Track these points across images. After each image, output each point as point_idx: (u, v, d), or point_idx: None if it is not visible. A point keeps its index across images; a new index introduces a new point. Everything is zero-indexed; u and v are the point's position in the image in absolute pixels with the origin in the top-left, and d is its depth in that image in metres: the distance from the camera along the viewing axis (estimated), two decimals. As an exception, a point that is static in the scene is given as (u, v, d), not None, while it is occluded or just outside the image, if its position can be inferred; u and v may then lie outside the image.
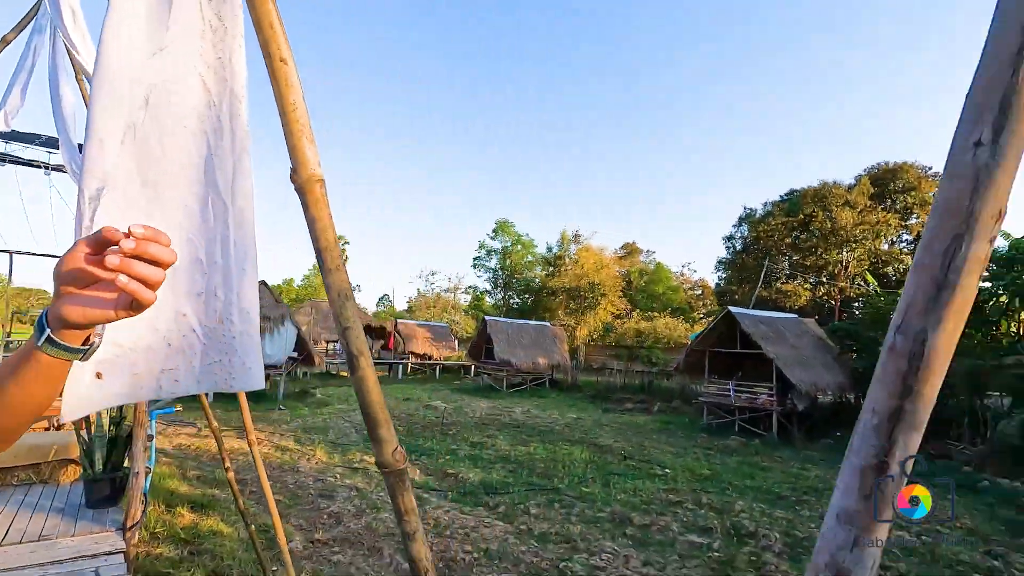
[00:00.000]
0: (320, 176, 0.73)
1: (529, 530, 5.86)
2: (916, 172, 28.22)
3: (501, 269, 38.03)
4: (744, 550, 5.63)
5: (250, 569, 4.31)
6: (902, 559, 5.57)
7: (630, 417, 15.57)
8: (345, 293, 0.69)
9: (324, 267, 0.71)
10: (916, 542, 6.06)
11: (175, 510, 5.41)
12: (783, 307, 26.19)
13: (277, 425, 11.33)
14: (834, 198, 27.46)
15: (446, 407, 14.98)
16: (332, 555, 4.93)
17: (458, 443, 10.37)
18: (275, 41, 0.70)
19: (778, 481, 8.68)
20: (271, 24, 0.72)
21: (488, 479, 7.78)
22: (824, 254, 27.81)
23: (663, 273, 41.32)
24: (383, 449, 0.81)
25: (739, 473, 9.10)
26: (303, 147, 0.71)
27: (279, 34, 0.71)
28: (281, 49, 0.70)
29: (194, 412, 11.44)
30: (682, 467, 9.24)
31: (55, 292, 0.55)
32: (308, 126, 0.73)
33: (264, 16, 0.71)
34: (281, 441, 9.66)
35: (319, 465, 8.12)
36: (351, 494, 6.65)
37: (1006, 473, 8.97)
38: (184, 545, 4.66)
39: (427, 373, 26.27)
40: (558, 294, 32.11)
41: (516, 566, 4.90)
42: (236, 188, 0.75)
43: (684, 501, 7.18)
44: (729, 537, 5.97)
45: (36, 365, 0.56)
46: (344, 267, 0.72)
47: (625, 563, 5.11)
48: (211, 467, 7.47)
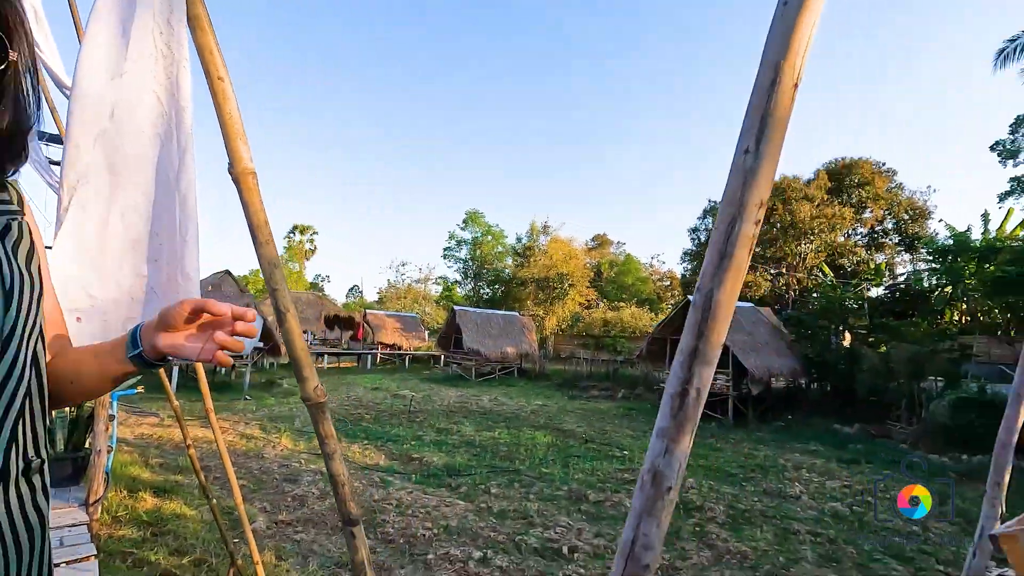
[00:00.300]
0: (252, 170, 0.92)
1: (488, 508, 6.12)
2: (870, 167, 29.38)
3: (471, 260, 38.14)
4: (690, 521, 6.01)
5: (213, 548, 4.44)
6: (832, 527, 6.04)
7: (595, 404, 16.00)
8: (273, 262, 0.89)
9: (256, 241, 0.91)
10: (847, 512, 6.55)
11: (137, 495, 5.47)
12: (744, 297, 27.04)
13: (243, 414, 11.33)
14: (793, 192, 28.39)
15: (415, 396, 15.14)
16: (295, 534, 5.09)
17: (425, 430, 10.57)
18: (213, 64, 0.89)
19: (728, 460, 9.16)
20: (210, 51, 0.90)
21: (452, 462, 8.01)
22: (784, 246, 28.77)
23: (632, 264, 42.04)
24: (306, 386, 1.01)
25: (693, 454, 9.54)
26: (238, 147, 0.91)
27: (217, 58, 0.90)
28: (219, 70, 0.89)
29: (156, 402, 11.34)
30: (640, 449, 9.64)
31: (155, 324, 0.76)
32: (242, 130, 0.92)
33: (204, 45, 0.89)
34: (246, 429, 9.69)
35: (284, 452, 8.21)
36: (315, 478, 6.79)
37: (936, 450, 9.66)
38: (147, 527, 4.76)
39: (397, 363, 26.30)
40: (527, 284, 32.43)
41: (474, 540, 5.15)
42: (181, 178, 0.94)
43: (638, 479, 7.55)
44: (677, 510, 6.34)
45: (118, 365, 0.77)
46: (273, 241, 0.92)
47: (578, 535, 5.41)
48: (174, 455, 7.50)
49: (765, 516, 6.28)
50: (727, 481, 7.80)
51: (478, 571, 4.51)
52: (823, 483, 7.85)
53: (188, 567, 4.15)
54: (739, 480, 7.89)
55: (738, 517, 6.22)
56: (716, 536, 5.56)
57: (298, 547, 4.78)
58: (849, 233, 29.78)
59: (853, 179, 29.36)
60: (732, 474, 8.22)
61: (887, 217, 29.69)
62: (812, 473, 8.42)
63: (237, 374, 16.56)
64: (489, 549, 4.93)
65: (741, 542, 5.43)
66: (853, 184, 29.45)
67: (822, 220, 27.64)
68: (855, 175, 29.26)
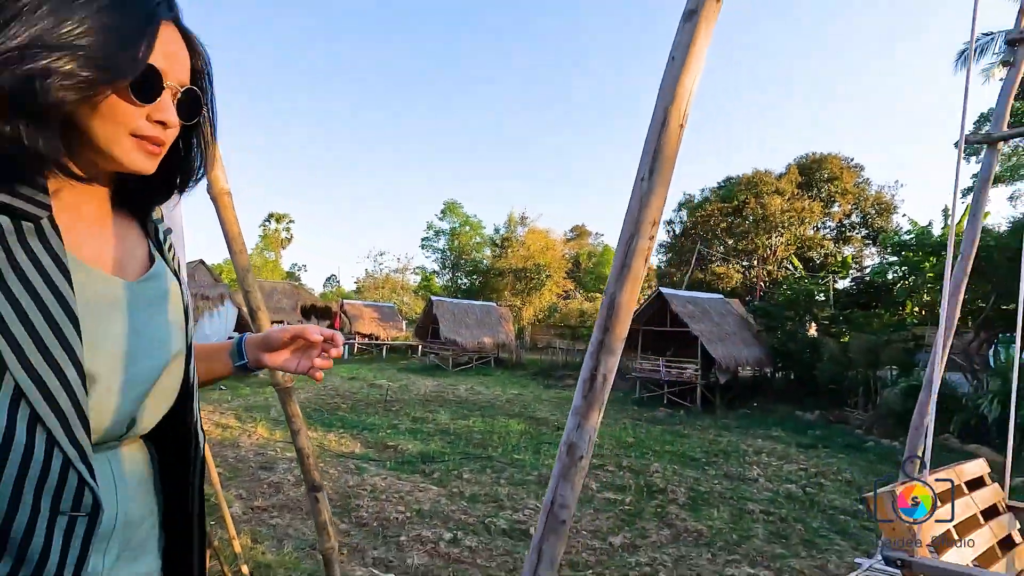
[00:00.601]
0: (228, 190, 1.09)
1: (461, 492, 6.34)
2: (839, 163, 30.18)
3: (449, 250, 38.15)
4: (652, 503, 6.32)
5: (189, 532, 4.57)
6: (785, 507, 6.41)
7: (569, 392, 16.33)
8: (246, 268, 1.07)
9: (231, 250, 1.08)
10: (800, 493, 6.94)
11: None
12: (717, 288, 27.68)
13: (217, 404, 11.34)
14: (765, 186, 29.04)
15: (391, 386, 15.26)
16: (271, 519, 5.24)
17: (400, 418, 10.73)
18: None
19: (694, 446, 9.53)
20: None
21: (426, 450, 8.21)
22: (755, 239, 29.47)
23: (610, 255, 42.50)
24: (275, 374, 1.19)
25: (660, 440, 9.91)
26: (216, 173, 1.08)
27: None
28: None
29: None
30: (609, 436, 9.97)
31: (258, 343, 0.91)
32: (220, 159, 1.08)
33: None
34: (222, 419, 9.73)
35: (260, 440, 8.31)
36: (291, 466, 6.92)
37: (888, 434, 10.19)
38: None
39: (374, 353, 26.33)
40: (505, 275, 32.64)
41: (445, 523, 5.37)
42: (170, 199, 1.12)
43: (606, 464, 7.85)
44: (641, 493, 6.65)
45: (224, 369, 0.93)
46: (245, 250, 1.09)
47: (545, 517, 5.67)
48: (148, 444, 7.55)
49: (723, 498, 6.62)
50: (691, 465, 8.15)
51: (448, 551, 4.72)
52: (781, 466, 8.26)
53: (165, 551, 4.29)
54: (702, 464, 8.25)
55: (698, 499, 6.56)
56: (676, 516, 5.88)
57: (273, 531, 4.94)
58: (818, 226, 30.61)
59: (823, 174, 30.13)
60: (696, 459, 8.58)
61: (854, 211, 30.58)
62: (771, 457, 8.84)
63: (211, 364, 16.47)
64: (460, 531, 5.14)
65: (699, 521, 5.75)
66: (822, 179, 30.24)
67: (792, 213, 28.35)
68: (824, 170, 30.03)
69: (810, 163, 30.57)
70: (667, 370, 14.74)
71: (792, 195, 28.88)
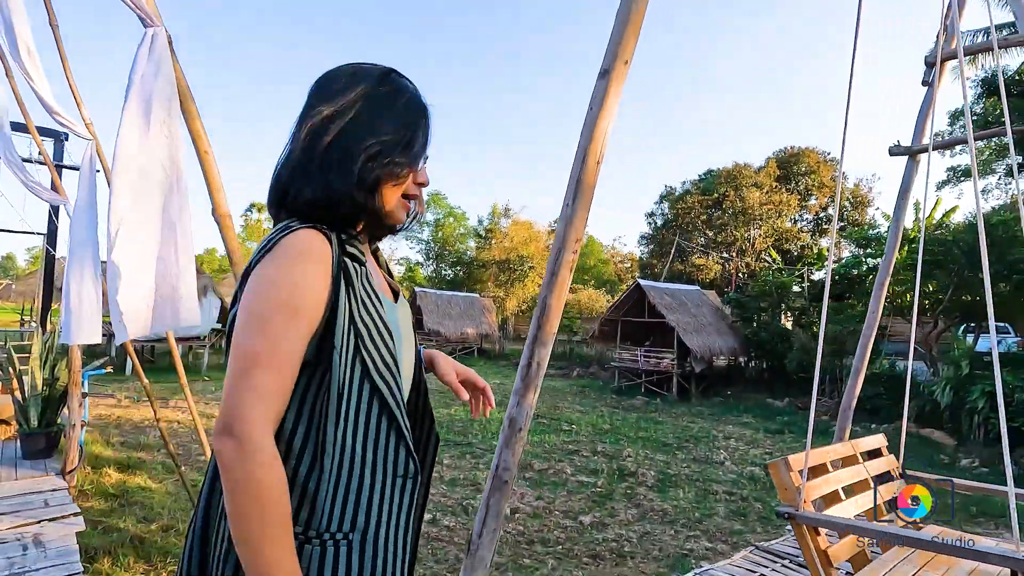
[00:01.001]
0: (229, 213, 1.34)
1: (441, 477, 6.63)
2: (816, 157, 30.82)
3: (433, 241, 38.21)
4: (622, 485, 6.67)
5: (180, 515, 4.78)
6: (747, 487, 6.81)
7: (550, 382, 16.70)
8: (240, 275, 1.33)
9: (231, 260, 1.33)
10: (762, 474, 7.35)
11: (102, 471, 5.72)
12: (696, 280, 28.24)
13: (201, 395, 11.45)
14: (744, 179, 29.57)
15: (374, 376, 15.45)
16: (257, 503, 5.47)
17: (383, 408, 10.97)
18: (200, 142, 1.30)
19: (667, 432, 9.94)
20: (199, 134, 1.29)
21: (408, 437, 8.47)
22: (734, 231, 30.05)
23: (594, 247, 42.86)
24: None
25: (635, 427, 10.30)
26: (219, 198, 1.32)
27: (203, 138, 1.30)
28: (205, 145, 1.30)
29: (113, 385, 11.35)
30: (587, 423, 10.33)
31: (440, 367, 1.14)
32: (221, 184, 1.32)
33: (194, 130, 1.29)
34: (207, 409, 9.88)
35: (245, 430, 8.49)
36: (276, 453, 7.14)
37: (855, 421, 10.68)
38: (114, 499, 5.04)
39: (358, 344, 26.41)
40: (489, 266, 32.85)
41: (425, 505, 5.65)
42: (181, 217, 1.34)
43: (581, 450, 8.20)
44: (612, 476, 7.01)
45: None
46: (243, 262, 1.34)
47: (520, 499, 5.99)
48: (134, 434, 7.70)
49: (690, 479, 7.01)
50: (662, 450, 8.54)
51: (427, 531, 5.00)
52: (747, 450, 8.69)
53: (156, 532, 4.49)
54: (673, 449, 8.65)
55: (666, 481, 6.93)
56: (644, 497, 6.24)
57: (260, 514, 5.17)
58: (795, 219, 31.29)
59: (800, 167, 30.75)
60: (667, 444, 8.97)
61: (831, 204, 31.27)
62: (740, 442, 9.27)
63: (195, 355, 16.52)
64: (439, 512, 5.44)
65: (665, 502, 6.12)
66: (800, 172, 30.85)
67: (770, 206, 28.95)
68: (802, 164, 30.65)
69: (788, 157, 31.17)
70: (646, 360, 15.15)
71: (770, 188, 29.46)
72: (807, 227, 31.60)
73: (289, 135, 0.87)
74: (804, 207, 30.76)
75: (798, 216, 31.49)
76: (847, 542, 1.83)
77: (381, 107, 0.85)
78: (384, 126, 0.84)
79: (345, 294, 0.78)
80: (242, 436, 0.68)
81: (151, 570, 3.70)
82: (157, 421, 3.47)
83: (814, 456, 1.96)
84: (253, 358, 0.70)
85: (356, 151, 0.81)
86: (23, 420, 4.01)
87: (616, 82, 1.36)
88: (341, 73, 0.87)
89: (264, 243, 0.77)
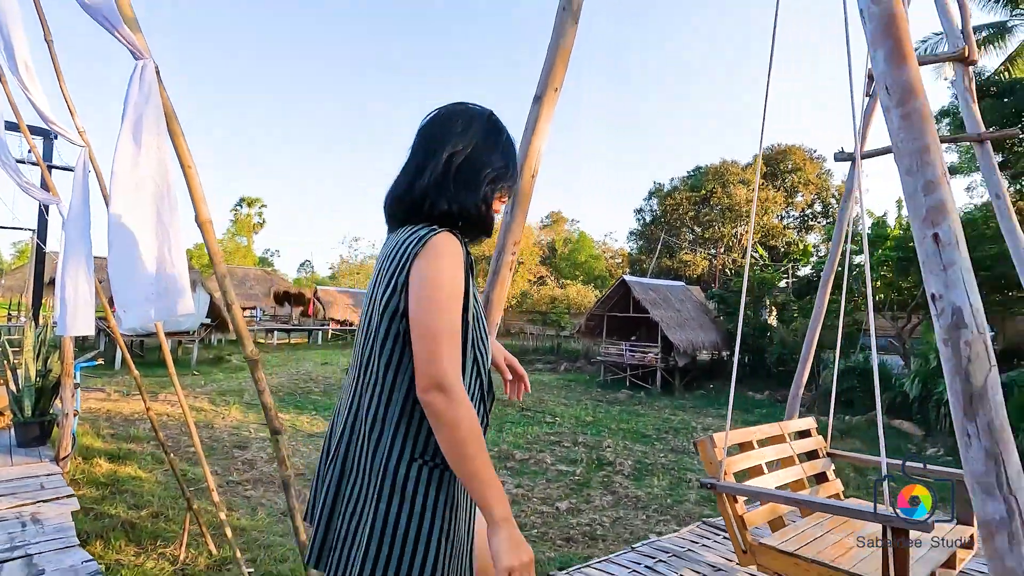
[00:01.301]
0: (210, 219, 1.54)
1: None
2: (803, 154, 31.21)
3: (424, 237, 38.24)
4: (600, 474, 6.92)
5: (170, 503, 4.96)
6: (719, 475, 7.08)
7: (538, 376, 16.95)
8: (224, 275, 1.51)
9: (213, 262, 1.52)
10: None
11: (93, 461, 5.88)
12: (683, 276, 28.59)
13: (191, 389, 11.59)
14: (732, 176, 29.92)
15: (363, 370, 15.59)
16: (245, 492, 5.67)
17: (371, 401, 11.14)
18: (184, 158, 1.49)
19: (647, 424, 10.21)
20: (183, 151, 1.48)
21: (394, 429, 8.67)
22: (721, 227, 30.41)
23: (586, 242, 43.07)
24: (246, 350, 1.64)
25: (618, 419, 10.57)
26: (201, 206, 1.52)
27: (187, 154, 1.49)
28: (188, 160, 1.49)
29: (102, 379, 11.45)
30: (570, 415, 10.58)
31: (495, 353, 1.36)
32: (203, 195, 1.51)
33: (179, 146, 1.48)
34: (196, 403, 10.03)
35: (234, 422, 8.66)
36: (265, 444, 7.32)
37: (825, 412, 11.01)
38: (105, 487, 5.22)
39: (348, 339, 26.55)
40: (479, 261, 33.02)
41: (408, 493, 5.86)
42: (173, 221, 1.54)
43: (562, 441, 8.45)
44: (591, 465, 7.25)
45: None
46: (223, 262, 1.53)
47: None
48: (124, 427, 7.84)
49: (666, 469, 7.27)
50: (641, 441, 8.81)
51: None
52: (724, 441, 8.97)
53: (147, 518, 4.67)
54: (652, 440, 8.91)
55: (643, 470, 7.19)
56: (620, 485, 6.49)
57: (248, 502, 5.37)
58: (781, 216, 31.71)
59: (787, 165, 31.13)
60: (647, 435, 9.24)
61: (816, 201, 31.71)
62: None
63: (184, 349, 16.60)
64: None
65: (639, 489, 6.37)
66: (787, 169, 31.24)
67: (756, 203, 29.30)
68: (788, 161, 31.03)
69: (775, 154, 31.51)
70: (631, 354, 15.43)
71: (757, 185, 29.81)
72: (793, 223, 32.04)
73: (411, 156, 1.17)
74: (791, 204, 31.16)
75: (784, 213, 31.90)
76: (765, 509, 2.07)
77: (493, 143, 1.15)
78: (495, 158, 1.14)
79: (471, 283, 1.06)
80: (448, 389, 0.93)
81: (142, 552, 3.89)
82: (148, 411, 3.64)
83: (740, 435, 2.18)
84: (441, 333, 0.96)
85: (480, 176, 1.11)
86: (17, 410, 4.18)
87: (547, 105, 1.57)
88: (457, 114, 1.16)
89: (411, 239, 1.03)
